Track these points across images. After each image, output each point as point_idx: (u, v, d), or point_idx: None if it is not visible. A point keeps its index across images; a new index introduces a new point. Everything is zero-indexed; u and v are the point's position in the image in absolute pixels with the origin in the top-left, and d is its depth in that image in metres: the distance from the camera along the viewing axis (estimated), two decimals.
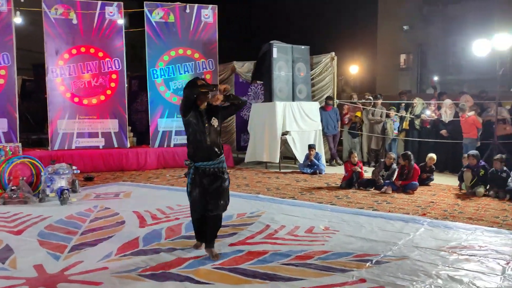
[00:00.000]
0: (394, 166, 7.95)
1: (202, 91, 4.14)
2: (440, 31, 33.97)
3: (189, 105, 4.19)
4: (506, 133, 8.83)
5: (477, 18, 31.55)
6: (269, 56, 10.27)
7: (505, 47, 8.16)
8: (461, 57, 32.84)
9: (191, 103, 4.20)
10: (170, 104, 11.03)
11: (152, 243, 4.81)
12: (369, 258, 4.30)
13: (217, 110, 4.33)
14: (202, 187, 4.30)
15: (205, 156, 4.26)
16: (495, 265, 4.14)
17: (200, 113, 4.23)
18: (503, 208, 6.43)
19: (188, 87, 4.20)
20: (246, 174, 9.73)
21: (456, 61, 33.84)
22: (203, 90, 4.14)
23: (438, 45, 34.07)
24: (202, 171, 4.28)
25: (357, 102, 11.01)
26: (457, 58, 33.70)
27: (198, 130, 4.22)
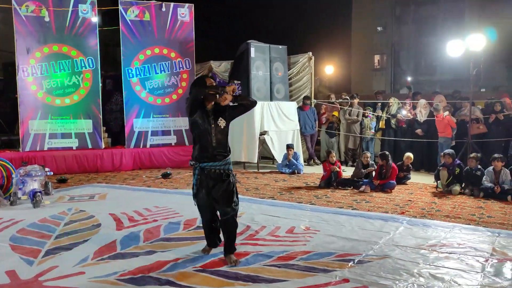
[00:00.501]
0: (371, 163, 8.02)
1: (210, 93, 3.97)
2: (412, 32, 34.65)
3: (195, 105, 4.00)
4: (479, 132, 9.02)
5: (449, 19, 32.35)
6: (247, 55, 10.21)
7: (478, 47, 8.31)
8: (433, 58, 33.59)
9: (197, 103, 4.01)
10: (146, 104, 10.83)
11: (130, 246, 4.68)
12: (351, 257, 4.29)
13: (225, 110, 4.11)
14: (207, 189, 4.12)
15: (211, 157, 4.06)
16: (474, 263, 4.19)
17: (206, 113, 4.04)
18: (479, 206, 6.54)
19: (195, 86, 4.05)
20: None
21: (428, 61, 34.58)
22: (211, 92, 3.96)
23: (410, 46, 34.74)
24: (207, 172, 4.08)
25: (335, 102, 11.06)
26: (429, 59, 34.43)
27: (204, 130, 4.04)
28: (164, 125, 11.01)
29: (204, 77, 4.16)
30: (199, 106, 4.02)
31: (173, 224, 5.56)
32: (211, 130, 4.04)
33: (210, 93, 3.96)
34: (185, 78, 11.10)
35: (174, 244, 4.75)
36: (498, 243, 4.77)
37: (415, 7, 34.05)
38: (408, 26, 34.54)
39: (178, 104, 11.04)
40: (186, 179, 9.12)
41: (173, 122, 11.06)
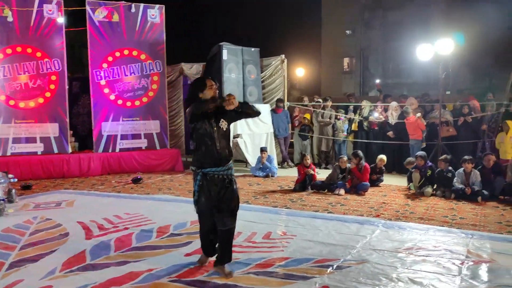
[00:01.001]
0: (349, 166, 8.03)
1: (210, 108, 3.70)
2: (380, 36, 35.28)
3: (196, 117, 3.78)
4: (449, 135, 9.18)
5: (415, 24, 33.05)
6: (219, 58, 10.08)
7: (447, 51, 8.46)
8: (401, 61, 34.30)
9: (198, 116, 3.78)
10: (115, 107, 10.55)
11: (101, 256, 4.47)
12: (329, 263, 4.22)
13: (225, 111, 3.79)
14: (210, 196, 3.86)
15: (214, 162, 3.84)
16: (451, 265, 4.20)
17: (207, 116, 3.79)
18: (451, 207, 6.62)
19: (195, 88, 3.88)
20: None
21: (396, 65, 35.29)
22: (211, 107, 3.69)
23: (379, 50, 35.35)
24: (210, 178, 3.85)
25: (308, 104, 11.06)
26: (396, 62, 35.15)
27: (206, 134, 3.80)
28: (134, 128, 10.74)
29: (204, 79, 3.96)
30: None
31: (146, 232, 5.37)
32: (213, 134, 3.82)
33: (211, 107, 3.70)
34: (156, 81, 10.87)
35: (148, 253, 4.57)
36: (472, 244, 4.82)
37: (383, 12, 34.69)
38: (376, 31, 35.13)
39: (148, 107, 10.80)
40: (158, 184, 8.91)
41: (143, 126, 10.81)
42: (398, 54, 34.61)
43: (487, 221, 5.87)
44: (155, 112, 10.86)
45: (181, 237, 5.15)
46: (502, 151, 8.37)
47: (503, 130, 8.48)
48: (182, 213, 6.27)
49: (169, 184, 8.89)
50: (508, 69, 25.65)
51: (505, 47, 23.02)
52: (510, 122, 8.39)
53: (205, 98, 3.82)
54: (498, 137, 8.59)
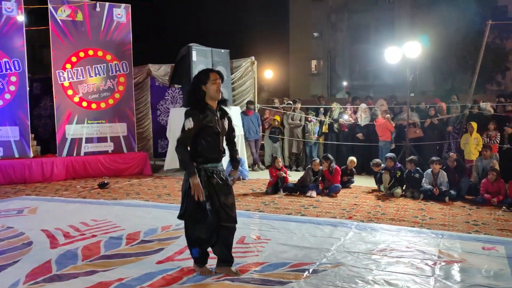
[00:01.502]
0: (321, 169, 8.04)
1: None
2: (347, 38, 35.86)
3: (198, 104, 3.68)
4: (416, 136, 9.34)
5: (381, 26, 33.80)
6: (188, 59, 9.91)
7: (414, 54, 8.61)
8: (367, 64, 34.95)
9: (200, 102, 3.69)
10: (80, 109, 10.21)
11: (68, 266, 4.26)
12: (305, 267, 4.17)
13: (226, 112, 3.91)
14: (214, 192, 3.73)
15: (216, 158, 3.81)
16: (424, 266, 4.23)
17: (214, 113, 3.74)
18: (420, 208, 6.72)
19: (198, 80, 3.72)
20: (167, 183, 9.28)
21: (362, 67, 35.96)
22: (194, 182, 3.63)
23: (345, 52, 35.91)
24: (210, 174, 3.77)
25: (278, 106, 11.04)
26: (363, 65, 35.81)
27: (215, 131, 3.73)
28: (100, 131, 10.44)
29: (209, 71, 3.77)
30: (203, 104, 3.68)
31: (114, 239, 5.18)
32: (219, 130, 3.76)
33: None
34: (123, 82, 10.60)
35: (117, 261, 4.39)
36: (442, 245, 4.88)
37: (349, 15, 35.28)
38: (342, 33, 35.69)
39: (115, 109, 10.52)
40: (125, 188, 8.66)
41: (109, 128, 10.52)
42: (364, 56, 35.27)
43: (455, 220, 5.98)
44: (122, 115, 10.58)
45: (152, 243, 4.99)
46: (467, 152, 8.58)
47: (468, 131, 8.70)
48: (152, 219, 6.11)
49: (138, 188, 8.66)
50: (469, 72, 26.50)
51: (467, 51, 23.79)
52: (474, 124, 8.61)
53: (207, 92, 3.67)
54: (463, 138, 8.80)
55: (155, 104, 12.46)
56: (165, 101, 12.49)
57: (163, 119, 12.51)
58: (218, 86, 3.69)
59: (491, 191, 6.88)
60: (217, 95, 3.71)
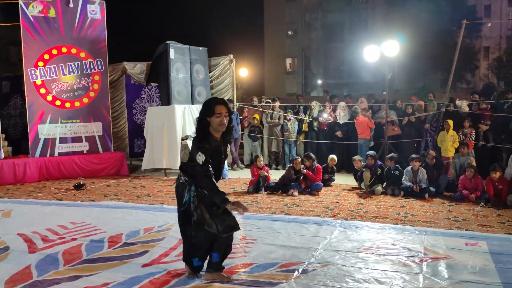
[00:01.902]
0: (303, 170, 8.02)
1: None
2: (321, 37, 36.15)
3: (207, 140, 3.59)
4: (394, 134, 9.46)
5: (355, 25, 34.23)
6: (166, 57, 9.76)
7: (392, 53, 8.70)
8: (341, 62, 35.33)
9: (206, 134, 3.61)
10: (53, 108, 9.92)
11: (49, 271, 4.11)
12: (294, 267, 4.14)
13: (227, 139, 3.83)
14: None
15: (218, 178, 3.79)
16: (411, 263, 4.25)
17: (218, 144, 3.69)
18: (402, 205, 6.80)
19: (204, 111, 3.62)
20: (145, 183, 9.11)
21: (336, 65, 36.33)
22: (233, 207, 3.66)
23: (320, 50, 36.20)
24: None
25: (258, 105, 10.99)
26: (337, 63, 36.19)
27: (218, 160, 3.73)
28: (74, 131, 10.16)
29: (214, 104, 3.61)
30: (207, 137, 3.60)
31: (96, 242, 5.03)
32: (222, 158, 3.80)
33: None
34: (97, 80, 10.34)
35: (101, 265, 4.26)
36: (427, 241, 4.93)
37: (323, 14, 35.57)
38: (317, 32, 35.95)
39: (90, 108, 10.26)
40: (103, 189, 8.46)
41: (84, 128, 10.25)
42: (338, 55, 35.66)
43: (437, 217, 6.07)
44: (97, 114, 10.33)
45: (136, 246, 4.86)
46: (444, 149, 8.73)
47: (444, 129, 8.86)
48: (133, 221, 5.97)
49: (115, 189, 8.47)
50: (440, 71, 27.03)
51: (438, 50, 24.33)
52: (451, 121, 8.77)
53: (211, 124, 3.60)
54: (439, 136, 8.96)
55: (131, 103, 12.21)
56: (141, 99, 12.26)
57: (139, 118, 12.27)
58: (221, 119, 3.60)
59: (469, 187, 7.01)
60: (220, 129, 3.64)
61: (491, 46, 30.80)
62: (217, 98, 3.78)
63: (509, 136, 8.65)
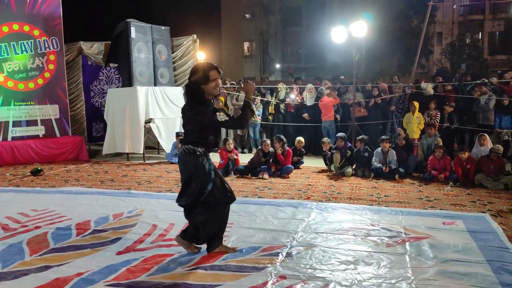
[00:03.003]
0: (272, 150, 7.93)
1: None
2: (279, 21, 35.95)
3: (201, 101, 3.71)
4: (361, 115, 9.50)
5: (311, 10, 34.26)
6: (127, 36, 9.29)
7: (361, 34, 8.67)
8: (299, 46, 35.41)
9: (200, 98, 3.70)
10: (5, 90, 9.27)
11: (15, 262, 3.79)
12: (277, 250, 4.02)
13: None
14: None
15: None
16: (394, 243, 4.22)
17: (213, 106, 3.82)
18: (373, 186, 6.82)
19: (199, 79, 3.65)
20: (107, 168, 8.70)
21: (294, 49, 36.37)
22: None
23: (278, 34, 36.03)
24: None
25: (223, 87, 10.72)
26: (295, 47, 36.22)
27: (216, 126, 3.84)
28: (29, 114, 9.55)
29: (209, 69, 3.64)
30: (204, 100, 3.71)
31: (62, 230, 4.72)
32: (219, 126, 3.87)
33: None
34: (53, 60, 9.73)
35: (72, 254, 3.97)
36: (405, 221, 4.93)
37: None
38: (275, 15, 35.71)
39: (45, 89, 9.66)
40: (62, 175, 8.00)
41: (39, 111, 9.65)
42: (296, 38, 35.69)
43: (409, 197, 6.12)
44: (53, 96, 9.74)
45: (106, 233, 4.58)
46: (410, 130, 8.84)
47: (410, 110, 8.98)
48: (100, 207, 5.66)
49: (76, 175, 8.04)
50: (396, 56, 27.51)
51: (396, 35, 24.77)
52: (417, 103, 8.89)
53: (206, 90, 3.67)
54: (405, 118, 9.06)
55: (88, 85, 11.64)
56: (99, 81, 11.71)
57: (97, 100, 11.74)
58: (216, 83, 3.72)
59: (438, 168, 7.14)
60: (215, 92, 3.78)
61: (444, 32, 31.77)
62: (208, 64, 3.71)
63: (472, 117, 8.89)
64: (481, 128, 8.71)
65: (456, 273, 3.50)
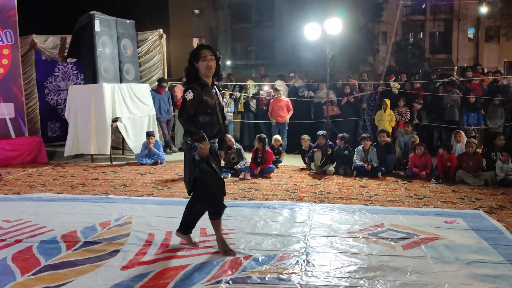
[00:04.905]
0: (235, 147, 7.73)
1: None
2: (228, 17, 35.61)
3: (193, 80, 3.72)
4: (334, 114, 9.49)
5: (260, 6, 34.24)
6: (90, 29, 8.67)
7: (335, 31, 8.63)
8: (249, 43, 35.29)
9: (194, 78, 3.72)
10: None
11: (7, 284, 3.32)
12: (296, 258, 3.82)
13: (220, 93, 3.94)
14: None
15: (215, 134, 3.80)
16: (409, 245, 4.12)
17: (210, 89, 3.72)
18: (359, 185, 6.79)
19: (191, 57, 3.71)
20: (73, 171, 8.09)
21: (244, 46, 36.21)
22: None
23: (227, 31, 35.68)
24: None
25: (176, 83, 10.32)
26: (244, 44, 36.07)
27: (213, 107, 3.70)
28: None
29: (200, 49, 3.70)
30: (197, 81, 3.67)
31: (48, 243, 4.25)
32: (217, 106, 3.77)
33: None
34: (7, 55, 8.92)
35: (70, 272, 3.55)
36: (407, 221, 4.85)
37: None
38: (224, 12, 35.32)
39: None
40: (24, 179, 7.33)
41: None
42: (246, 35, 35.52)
43: (399, 195, 6.13)
44: (7, 93, 8.93)
45: (101, 245, 4.17)
46: (381, 128, 8.93)
47: (382, 108, 9.09)
48: (80, 215, 5.20)
49: (39, 179, 7.39)
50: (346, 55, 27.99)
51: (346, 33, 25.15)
52: (388, 101, 9.02)
53: (199, 69, 3.68)
54: (377, 115, 9.18)
55: (42, 82, 10.84)
56: (55, 78, 10.95)
57: (53, 98, 10.98)
58: (208, 62, 3.66)
59: (418, 165, 7.24)
60: (207, 72, 3.69)
61: (389, 31, 32.87)
62: (202, 44, 3.76)
63: (440, 115, 9.14)
64: (448, 125, 9.00)
65: (487, 275, 3.46)
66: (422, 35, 34.13)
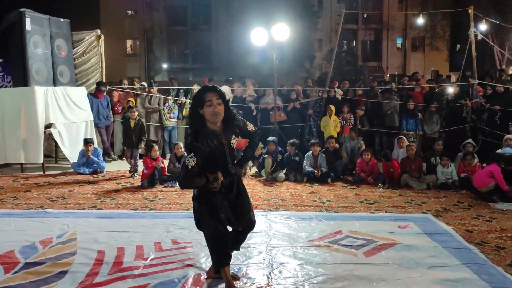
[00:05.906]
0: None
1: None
2: (164, 19, 34.85)
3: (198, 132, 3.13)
4: (281, 119, 9.47)
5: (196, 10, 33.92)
6: (20, 28, 8.00)
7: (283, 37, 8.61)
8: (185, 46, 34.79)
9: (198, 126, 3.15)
10: None
11: None
12: (262, 271, 3.68)
13: (235, 126, 3.28)
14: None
15: (226, 175, 3.27)
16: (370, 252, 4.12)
17: (215, 135, 3.14)
18: (311, 191, 6.77)
19: (195, 104, 3.16)
20: (1, 182, 7.37)
21: (181, 49, 35.63)
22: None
23: (163, 33, 34.90)
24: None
25: (136, 87, 9.85)
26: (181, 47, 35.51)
27: (217, 153, 3.16)
28: None
29: (203, 92, 3.10)
30: (204, 131, 3.12)
31: None
32: (226, 152, 3.21)
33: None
34: None
35: None
36: (364, 227, 4.86)
37: None
38: (159, 13, 34.51)
39: None
40: None
41: None
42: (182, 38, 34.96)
43: (350, 201, 6.17)
44: None
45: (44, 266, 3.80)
46: (327, 133, 9.06)
47: (327, 114, 9.20)
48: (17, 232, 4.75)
49: None
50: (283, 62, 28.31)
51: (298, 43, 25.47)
52: (333, 107, 9.15)
53: (205, 115, 3.12)
54: (322, 121, 9.28)
55: None
56: None
57: None
58: (214, 108, 3.10)
59: (366, 170, 7.36)
60: (213, 118, 3.12)
61: (324, 38, 33.83)
62: (205, 86, 3.19)
63: (381, 120, 9.41)
64: (388, 130, 9.30)
65: (449, 280, 3.51)
66: (354, 43, 35.44)
